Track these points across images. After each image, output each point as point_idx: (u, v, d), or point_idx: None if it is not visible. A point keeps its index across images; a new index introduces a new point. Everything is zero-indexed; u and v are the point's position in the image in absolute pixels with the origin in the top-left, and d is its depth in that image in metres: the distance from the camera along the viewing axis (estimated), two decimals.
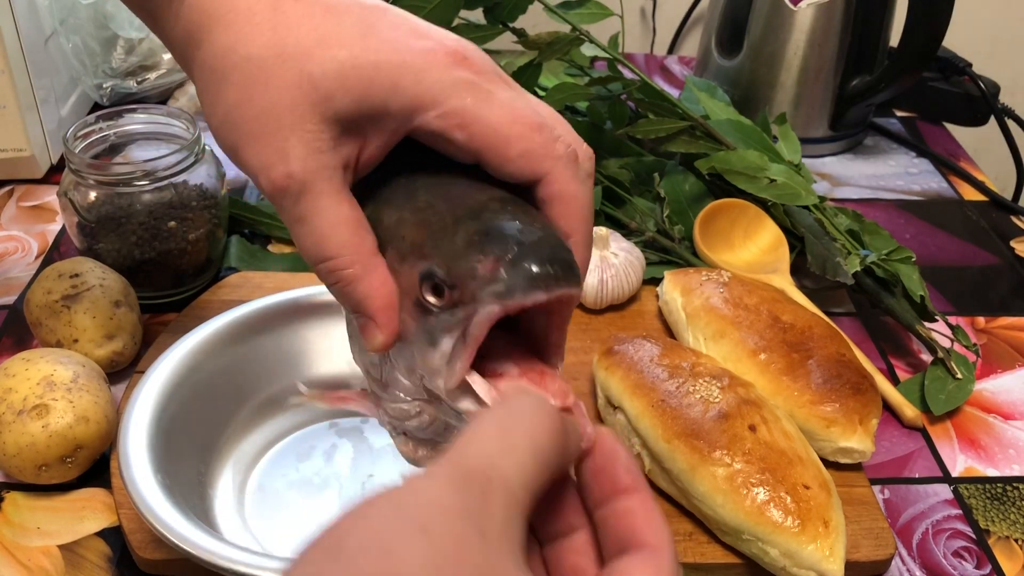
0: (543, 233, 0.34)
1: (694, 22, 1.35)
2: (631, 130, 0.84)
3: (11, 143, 0.85)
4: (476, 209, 0.35)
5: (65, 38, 0.92)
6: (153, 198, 0.71)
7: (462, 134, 0.36)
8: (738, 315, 0.68)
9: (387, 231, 0.37)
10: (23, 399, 0.57)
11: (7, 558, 0.56)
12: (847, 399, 0.63)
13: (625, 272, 0.74)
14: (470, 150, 0.36)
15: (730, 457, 0.56)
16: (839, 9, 0.96)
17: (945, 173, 1.02)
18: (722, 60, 1.04)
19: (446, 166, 0.37)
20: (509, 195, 0.36)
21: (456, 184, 0.37)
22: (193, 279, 0.75)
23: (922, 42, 0.91)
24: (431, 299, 0.34)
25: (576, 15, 0.86)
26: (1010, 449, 0.69)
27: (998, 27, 1.40)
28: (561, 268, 0.33)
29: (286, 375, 0.62)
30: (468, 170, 0.37)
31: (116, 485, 0.58)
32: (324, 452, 0.62)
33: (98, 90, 0.97)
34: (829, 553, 0.53)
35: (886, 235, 0.82)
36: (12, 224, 0.85)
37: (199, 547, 0.47)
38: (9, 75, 0.82)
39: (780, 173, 0.81)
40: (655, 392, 0.60)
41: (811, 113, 1.01)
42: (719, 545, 0.57)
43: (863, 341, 0.77)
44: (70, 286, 0.65)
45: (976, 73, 1.04)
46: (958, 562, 0.60)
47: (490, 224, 0.34)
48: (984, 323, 0.81)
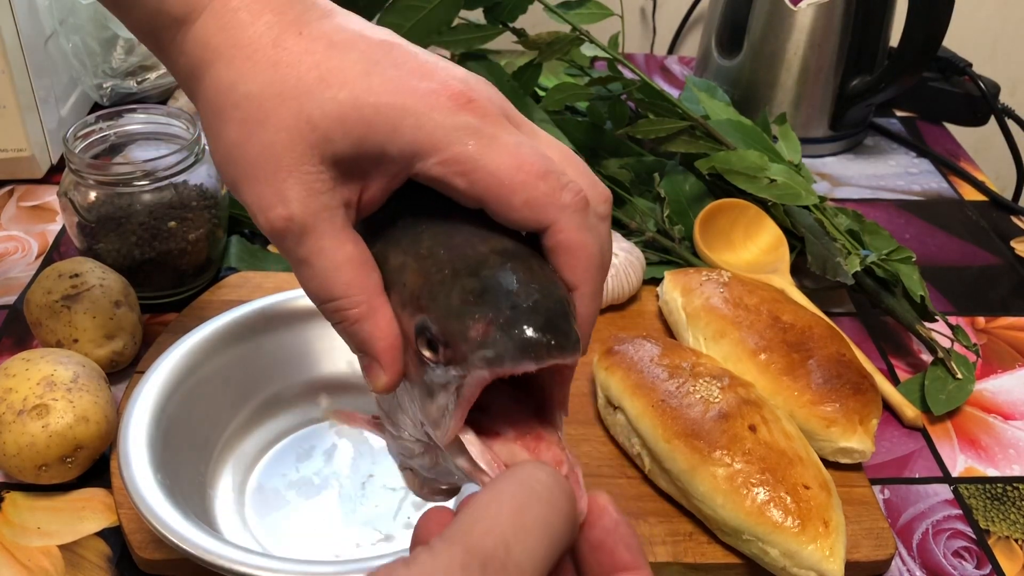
0: (540, 295, 0.32)
1: (694, 22, 1.35)
2: (631, 130, 0.84)
3: (11, 143, 0.85)
4: (476, 263, 0.34)
5: (65, 38, 0.92)
6: (153, 198, 0.71)
7: (463, 181, 0.35)
8: (738, 315, 0.68)
9: (392, 273, 0.36)
10: (23, 399, 0.57)
11: (7, 558, 0.56)
12: (847, 399, 0.63)
13: (625, 272, 0.74)
14: (472, 197, 0.35)
15: (730, 457, 0.56)
16: (839, 9, 0.96)
17: (945, 173, 1.02)
18: (722, 60, 1.04)
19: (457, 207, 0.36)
20: (514, 245, 0.35)
21: (462, 230, 0.35)
22: (193, 279, 0.75)
23: (922, 42, 0.91)
24: (426, 353, 0.34)
25: (576, 15, 0.86)
26: (1010, 449, 0.69)
27: (998, 27, 1.40)
28: (555, 336, 0.32)
29: (286, 375, 0.62)
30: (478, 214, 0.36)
31: (116, 485, 0.58)
32: (324, 452, 0.62)
33: (98, 90, 0.97)
34: (829, 553, 0.53)
35: (886, 235, 0.82)
36: (12, 224, 0.85)
37: (199, 547, 0.47)
38: (9, 75, 0.81)
39: (780, 173, 0.81)
40: (655, 392, 0.60)
41: (811, 113, 1.01)
42: (719, 545, 0.57)
43: (863, 341, 0.77)
44: (70, 286, 0.65)
45: (976, 73, 1.04)
46: (958, 562, 0.60)
47: (487, 282, 0.33)
48: (984, 323, 0.81)
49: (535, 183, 0.35)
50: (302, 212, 0.35)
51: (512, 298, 0.32)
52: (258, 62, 0.36)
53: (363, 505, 0.59)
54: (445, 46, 0.85)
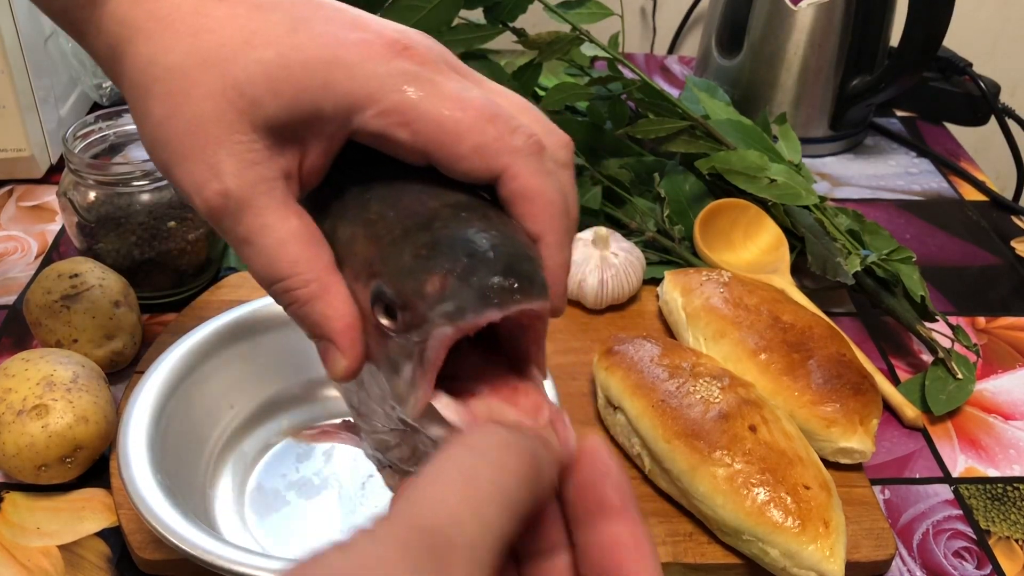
0: (499, 241, 0.30)
1: (694, 22, 1.35)
2: (631, 130, 0.84)
3: (10, 143, 0.85)
4: (427, 218, 0.31)
5: (64, 38, 0.92)
6: (153, 198, 0.71)
7: (405, 132, 0.32)
8: (738, 315, 0.68)
9: (343, 247, 0.33)
10: (23, 399, 0.57)
11: (7, 558, 0.56)
12: (847, 399, 0.63)
13: (625, 272, 0.74)
14: (417, 150, 0.32)
15: (730, 457, 0.56)
16: (839, 9, 0.96)
17: (945, 173, 1.02)
18: (722, 60, 1.04)
19: (405, 170, 0.34)
20: (468, 198, 0.32)
21: (410, 190, 0.33)
22: (193, 279, 0.75)
23: (922, 42, 0.91)
24: (385, 322, 0.31)
25: (576, 15, 0.86)
26: (1011, 449, 0.69)
27: (998, 27, 1.40)
28: (519, 280, 0.29)
29: (286, 375, 0.62)
30: (428, 173, 0.33)
31: (116, 485, 0.58)
32: (324, 452, 0.62)
33: (97, 90, 0.97)
34: (829, 553, 0.53)
35: (886, 235, 0.82)
36: (12, 224, 0.84)
37: (199, 547, 0.47)
38: (9, 75, 0.81)
39: (780, 173, 0.81)
40: (655, 392, 0.60)
41: (811, 113, 1.01)
42: (719, 545, 0.57)
43: (863, 341, 0.77)
44: (70, 286, 0.65)
45: (976, 73, 1.04)
46: (958, 562, 0.60)
47: (439, 235, 0.30)
48: (984, 323, 0.81)
49: (483, 127, 0.32)
50: (238, 186, 0.33)
51: (468, 246, 0.30)
52: (179, 32, 0.33)
53: (363, 505, 0.59)
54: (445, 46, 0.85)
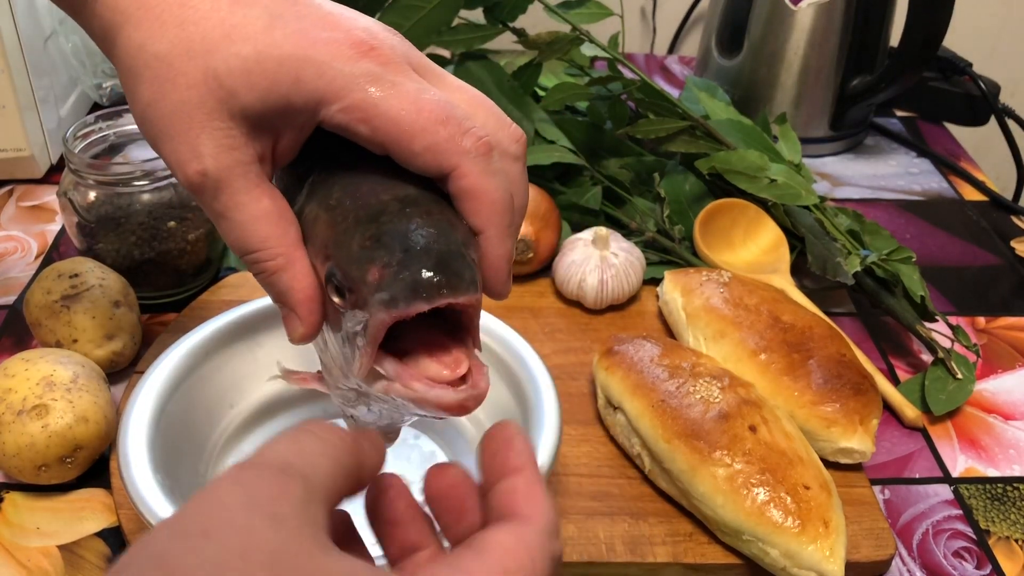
0: (434, 238, 0.34)
1: (694, 22, 1.35)
2: (631, 130, 0.84)
3: (10, 143, 0.85)
4: (376, 211, 0.35)
5: (64, 38, 0.92)
6: (152, 198, 0.71)
7: (366, 128, 0.36)
8: (738, 315, 0.68)
9: (308, 226, 0.38)
10: (23, 399, 0.57)
11: (6, 558, 0.56)
12: (847, 399, 0.63)
13: (625, 272, 0.74)
14: (376, 144, 0.36)
15: (730, 457, 0.56)
16: (839, 9, 0.96)
17: (945, 173, 1.02)
18: (722, 60, 1.04)
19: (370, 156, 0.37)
20: (417, 192, 0.36)
21: (369, 179, 0.37)
22: (193, 279, 0.75)
23: (922, 42, 0.91)
24: (336, 299, 0.35)
25: (576, 15, 0.86)
26: (1010, 449, 0.69)
27: (998, 27, 1.40)
28: (447, 276, 0.33)
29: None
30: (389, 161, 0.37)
31: (116, 485, 0.58)
32: None
33: (97, 90, 0.97)
34: (829, 553, 0.53)
35: (886, 235, 0.82)
36: (12, 224, 0.84)
37: None
38: (8, 75, 0.81)
39: (780, 173, 0.81)
40: (655, 392, 0.60)
41: (811, 113, 1.01)
42: (719, 545, 0.57)
43: (863, 341, 0.77)
44: (69, 286, 0.65)
45: (976, 73, 1.04)
46: (958, 562, 0.60)
47: (384, 229, 0.34)
48: (984, 323, 0.81)
49: (435, 129, 0.35)
50: (216, 167, 0.36)
51: (406, 241, 0.33)
52: (166, 22, 0.37)
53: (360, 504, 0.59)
54: (445, 46, 0.85)
